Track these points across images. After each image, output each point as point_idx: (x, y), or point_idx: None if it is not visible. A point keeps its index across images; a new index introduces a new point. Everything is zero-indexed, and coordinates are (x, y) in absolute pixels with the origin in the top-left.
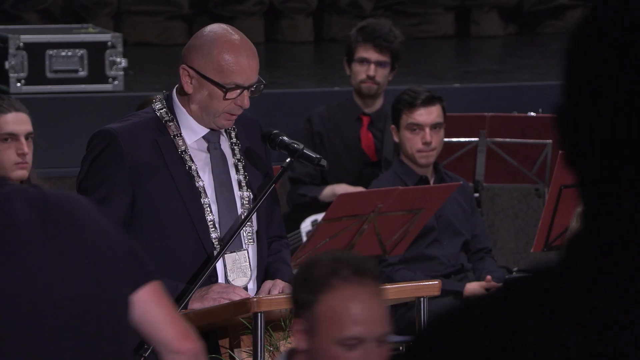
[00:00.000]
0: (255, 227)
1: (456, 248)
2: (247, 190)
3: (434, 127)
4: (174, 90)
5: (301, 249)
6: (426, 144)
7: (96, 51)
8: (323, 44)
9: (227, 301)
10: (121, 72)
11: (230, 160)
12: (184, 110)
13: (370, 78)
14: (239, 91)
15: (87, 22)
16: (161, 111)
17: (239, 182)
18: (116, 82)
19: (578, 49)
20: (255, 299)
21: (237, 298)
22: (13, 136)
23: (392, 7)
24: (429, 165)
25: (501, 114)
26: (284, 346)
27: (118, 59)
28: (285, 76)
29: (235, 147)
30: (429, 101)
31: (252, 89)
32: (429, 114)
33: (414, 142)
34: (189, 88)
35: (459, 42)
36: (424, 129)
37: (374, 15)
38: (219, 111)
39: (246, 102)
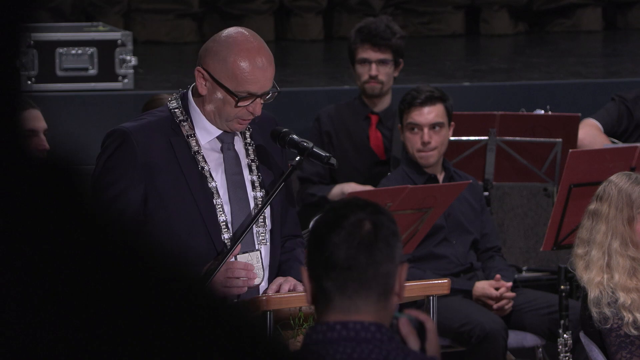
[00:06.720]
0: (269, 227)
1: (465, 247)
2: (260, 191)
3: (433, 127)
4: (190, 90)
5: None
6: (424, 144)
7: (106, 49)
8: (333, 43)
9: (234, 293)
10: (131, 70)
11: (244, 161)
12: (198, 110)
13: (373, 77)
14: (251, 99)
15: (97, 20)
16: (176, 110)
17: (253, 183)
18: (126, 80)
19: None
20: (264, 297)
21: (240, 284)
22: (33, 132)
23: (401, 5)
24: (429, 166)
25: (511, 113)
26: (294, 344)
27: (128, 57)
28: (294, 74)
29: (250, 148)
30: (427, 101)
31: (266, 97)
32: (427, 114)
33: (413, 142)
34: (203, 90)
35: (469, 40)
36: (423, 129)
37: (383, 13)
38: (231, 116)
39: (258, 110)
